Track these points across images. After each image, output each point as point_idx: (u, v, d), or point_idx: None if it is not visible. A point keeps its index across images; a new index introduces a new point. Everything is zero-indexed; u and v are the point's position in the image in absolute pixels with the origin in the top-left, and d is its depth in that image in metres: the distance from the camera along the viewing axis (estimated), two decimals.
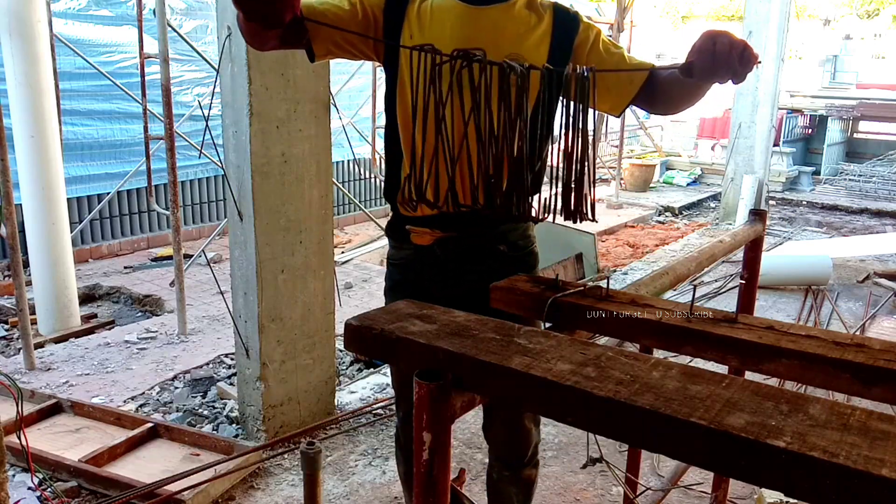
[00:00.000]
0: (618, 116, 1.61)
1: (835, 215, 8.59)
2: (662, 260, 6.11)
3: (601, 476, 2.75)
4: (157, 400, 3.39)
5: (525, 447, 1.77)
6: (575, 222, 1.34)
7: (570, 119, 1.27)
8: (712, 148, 11.20)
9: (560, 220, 1.35)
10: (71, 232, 4.41)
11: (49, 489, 2.50)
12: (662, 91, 1.49)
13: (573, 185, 1.30)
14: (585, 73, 1.26)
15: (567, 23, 1.55)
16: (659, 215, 8.38)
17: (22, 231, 4.17)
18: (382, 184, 1.72)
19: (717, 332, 1.03)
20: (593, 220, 1.35)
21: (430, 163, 1.39)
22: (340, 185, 6.34)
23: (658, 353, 1.19)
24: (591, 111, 1.27)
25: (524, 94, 1.28)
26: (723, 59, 1.17)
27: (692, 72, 1.21)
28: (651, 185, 9.69)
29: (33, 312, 4.17)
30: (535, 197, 1.41)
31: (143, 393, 3.45)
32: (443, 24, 1.50)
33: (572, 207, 1.32)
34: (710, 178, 10.15)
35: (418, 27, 1.51)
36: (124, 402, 3.34)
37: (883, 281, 5.47)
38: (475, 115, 1.31)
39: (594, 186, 1.32)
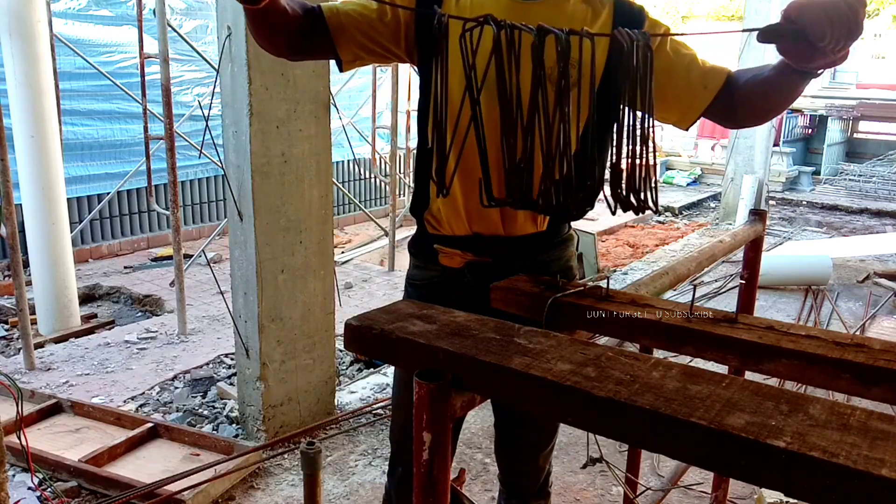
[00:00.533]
0: (686, 130, 1.40)
1: (835, 215, 8.59)
2: (662, 260, 6.11)
3: (601, 476, 2.75)
4: (157, 400, 3.39)
5: (535, 478, 1.72)
6: (637, 213, 1.21)
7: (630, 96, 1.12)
8: (712, 148, 11.20)
9: (618, 212, 1.24)
10: (71, 232, 4.41)
11: (49, 489, 2.50)
12: (744, 97, 1.29)
13: (632, 171, 1.16)
14: (645, 41, 1.09)
15: (630, 18, 1.35)
16: (659, 215, 8.38)
17: (22, 231, 4.17)
18: (410, 197, 1.63)
19: (717, 332, 1.03)
20: (656, 210, 1.22)
21: (456, 153, 1.24)
22: (340, 185, 6.34)
23: (658, 353, 1.19)
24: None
25: (566, 67, 1.11)
26: (831, 5, 0.99)
27: (805, 28, 1.01)
28: None
29: (33, 312, 4.17)
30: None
31: (143, 393, 3.45)
32: (494, 10, 1.30)
33: (632, 198, 1.17)
34: (710, 178, 10.16)
35: (457, 28, 1.33)
36: (124, 402, 3.34)
37: (883, 281, 5.47)
38: (506, 90, 1.15)
39: (654, 174, 1.16)
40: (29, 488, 2.53)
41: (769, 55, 7.10)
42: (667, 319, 1.07)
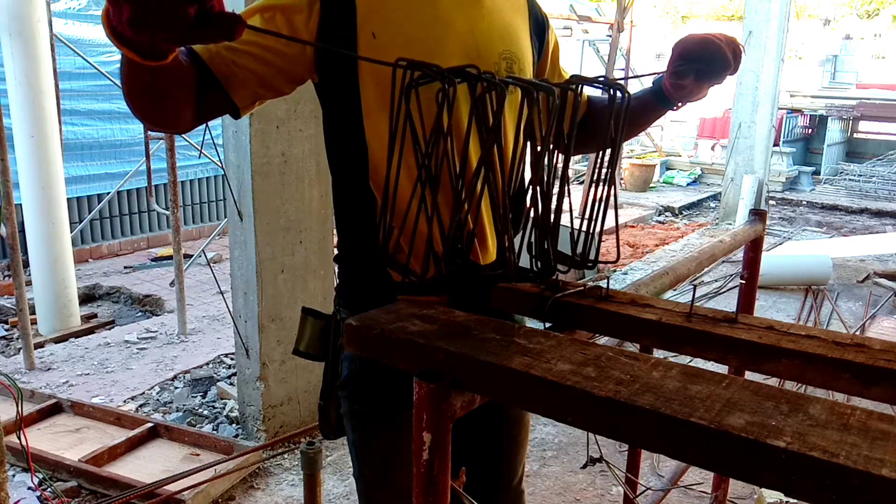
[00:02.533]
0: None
1: (835, 215, 8.59)
2: (662, 260, 6.11)
3: (601, 476, 2.75)
4: (157, 400, 3.39)
5: (520, 471, 1.51)
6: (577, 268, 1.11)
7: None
8: (712, 148, 11.20)
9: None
10: (71, 232, 4.41)
11: (49, 489, 2.50)
12: (597, 123, 1.25)
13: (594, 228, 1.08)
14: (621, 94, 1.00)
15: (539, 19, 1.30)
16: (659, 215, 8.38)
17: (22, 231, 4.17)
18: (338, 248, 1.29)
19: (717, 332, 1.03)
20: (593, 267, 1.13)
21: (415, 214, 1.00)
22: None
23: (658, 353, 1.19)
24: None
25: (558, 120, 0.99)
26: (726, 43, 1.10)
27: (710, 62, 1.10)
28: (651, 185, 9.70)
29: (33, 312, 4.17)
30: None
31: (143, 393, 3.45)
32: (418, 11, 1.12)
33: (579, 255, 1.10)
34: (710, 178, 10.16)
35: (381, 21, 1.09)
36: (124, 402, 3.34)
37: (883, 281, 5.47)
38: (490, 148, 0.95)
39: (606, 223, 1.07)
40: (29, 488, 2.53)
41: (767, 58, 7.14)
42: (667, 319, 1.07)
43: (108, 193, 5.84)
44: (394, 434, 1.28)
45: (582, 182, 8.60)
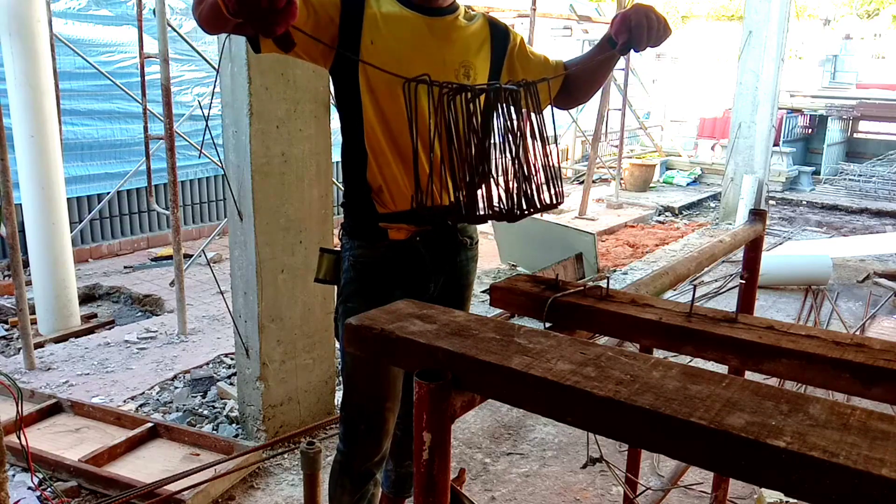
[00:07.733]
0: (540, 114, 1.76)
1: (835, 215, 8.59)
2: (662, 260, 6.11)
3: (601, 476, 2.75)
4: (157, 400, 3.39)
5: None
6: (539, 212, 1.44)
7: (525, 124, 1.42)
8: (712, 148, 11.20)
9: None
10: (71, 232, 4.41)
11: (49, 489, 2.50)
12: (575, 83, 1.72)
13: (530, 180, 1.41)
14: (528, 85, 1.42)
15: (500, 33, 1.74)
16: (659, 215, 8.38)
17: (22, 231, 4.17)
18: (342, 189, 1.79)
19: (717, 332, 1.03)
20: (557, 205, 1.44)
21: (404, 169, 1.56)
22: (340, 185, 6.33)
23: (658, 353, 1.19)
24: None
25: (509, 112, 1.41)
26: (643, 29, 1.42)
27: (630, 37, 1.44)
28: (651, 185, 9.70)
29: (33, 312, 4.17)
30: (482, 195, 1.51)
31: (143, 393, 3.44)
32: (402, 33, 1.58)
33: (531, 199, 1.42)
34: (710, 178, 10.15)
35: (378, 34, 1.56)
36: (124, 401, 3.34)
37: (883, 281, 5.47)
38: (454, 134, 1.37)
39: (552, 181, 1.43)
40: (29, 488, 2.53)
41: (767, 58, 7.13)
42: (667, 319, 1.07)
43: (108, 193, 5.83)
44: None
45: (582, 182, 8.59)
